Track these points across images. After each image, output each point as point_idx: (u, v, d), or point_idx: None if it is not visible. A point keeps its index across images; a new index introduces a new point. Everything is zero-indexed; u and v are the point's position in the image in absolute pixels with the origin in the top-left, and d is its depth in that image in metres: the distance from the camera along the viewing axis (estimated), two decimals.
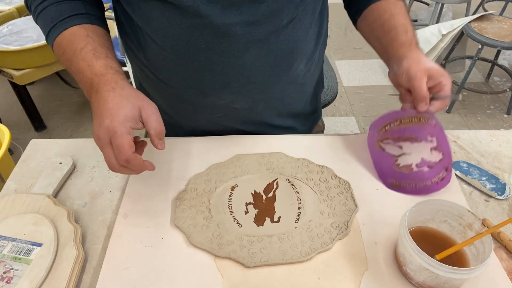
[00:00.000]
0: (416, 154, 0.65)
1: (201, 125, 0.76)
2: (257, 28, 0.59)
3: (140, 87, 0.80)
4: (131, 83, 0.80)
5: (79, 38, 0.56)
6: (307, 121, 0.86)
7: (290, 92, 0.73)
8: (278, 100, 0.73)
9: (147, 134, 0.61)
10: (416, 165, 0.64)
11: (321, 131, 0.93)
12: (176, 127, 0.78)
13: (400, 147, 0.66)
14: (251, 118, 0.75)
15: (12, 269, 0.52)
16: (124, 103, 0.51)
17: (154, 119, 0.53)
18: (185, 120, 0.76)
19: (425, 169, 0.64)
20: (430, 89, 0.59)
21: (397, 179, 0.65)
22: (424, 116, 0.63)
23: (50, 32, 0.59)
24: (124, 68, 1.88)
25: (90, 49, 0.55)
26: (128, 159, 0.49)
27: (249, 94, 0.68)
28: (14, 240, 0.55)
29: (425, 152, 0.65)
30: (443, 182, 0.63)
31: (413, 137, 0.65)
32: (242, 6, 0.57)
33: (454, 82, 2.31)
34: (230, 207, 0.61)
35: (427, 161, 0.64)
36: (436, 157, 0.64)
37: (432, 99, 0.60)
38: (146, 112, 0.52)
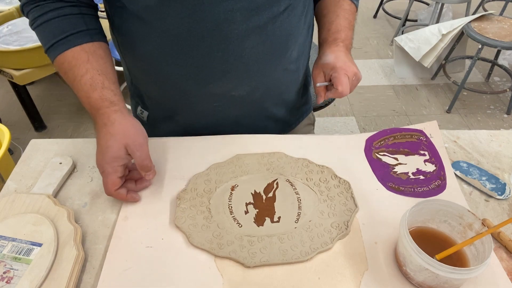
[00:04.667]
0: (411, 165, 0.69)
1: (198, 116, 0.77)
2: (256, 15, 0.61)
3: (132, 85, 0.80)
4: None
5: (80, 63, 0.60)
6: (298, 112, 0.89)
7: (285, 79, 0.76)
8: (274, 87, 0.75)
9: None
10: (412, 173, 0.67)
11: (311, 123, 0.96)
12: (172, 121, 0.79)
13: (396, 159, 0.70)
14: (248, 106, 0.76)
15: (12, 269, 0.52)
16: (111, 143, 0.58)
17: (138, 156, 0.59)
18: (182, 111, 0.77)
19: (421, 177, 0.67)
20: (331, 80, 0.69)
21: (396, 183, 0.66)
22: (415, 134, 0.73)
23: (51, 48, 0.62)
24: (120, 68, 1.87)
25: (88, 78, 0.60)
26: (109, 194, 0.60)
27: (247, 81, 0.70)
28: (14, 240, 0.55)
29: (420, 163, 0.69)
30: (440, 189, 0.65)
31: (407, 150, 0.71)
32: None
33: (454, 82, 2.32)
34: (230, 207, 0.61)
35: (422, 171, 0.68)
36: (430, 167, 0.68)
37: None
38: (131, 150, 0.59)
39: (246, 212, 0.60)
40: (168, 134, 0.76)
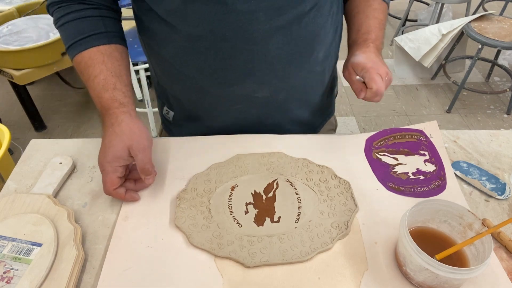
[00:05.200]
0: (411, 165, 0.69)
1: (221, 117, 0.76)
2: (280, 14, 0.60)
3: (158, 85, 0.81)
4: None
5: (95, 64, 0.62)
6: (322, 115, 0.87)
7: (310, 81, 0.74)
8: (299, 88, 0.74)
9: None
10: (412, 173, 0.67)
11: (333, 129, 0.93)
12: (196, 122, 0.79)
13: (396, 159, 0.70)
14: (271, 107, 0.75)
15: (12, 269, 0.52)
16: (115, 143, 0.59)
17: (140, 159, 0.60)
18: (205, 113, 0.77)
19: (421, 177, 0.67)
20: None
21: (396, 183, 0.66)
22: (415, 134, 0.73)
23: (70, 48, 0.64)
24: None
25: (101, 79, 0.62)
26: (108, 193, 0.60)
27: (271, 82, 0.69)
28: (14, 240, 0.55)
29: (420, 163, 0.69)
30: (440, 189, 0.65)
31: (407, 151, 0.71)
32: None
33: (454, 82, 2.32)
34: (230, 207, 0.61)
35: (422, 171, 0.68)
36: (430, 167, 0.68)
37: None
38: (134, 152, 0.60)
39: (246, 212, 0.60)
40: (192, 134, 0.76)
